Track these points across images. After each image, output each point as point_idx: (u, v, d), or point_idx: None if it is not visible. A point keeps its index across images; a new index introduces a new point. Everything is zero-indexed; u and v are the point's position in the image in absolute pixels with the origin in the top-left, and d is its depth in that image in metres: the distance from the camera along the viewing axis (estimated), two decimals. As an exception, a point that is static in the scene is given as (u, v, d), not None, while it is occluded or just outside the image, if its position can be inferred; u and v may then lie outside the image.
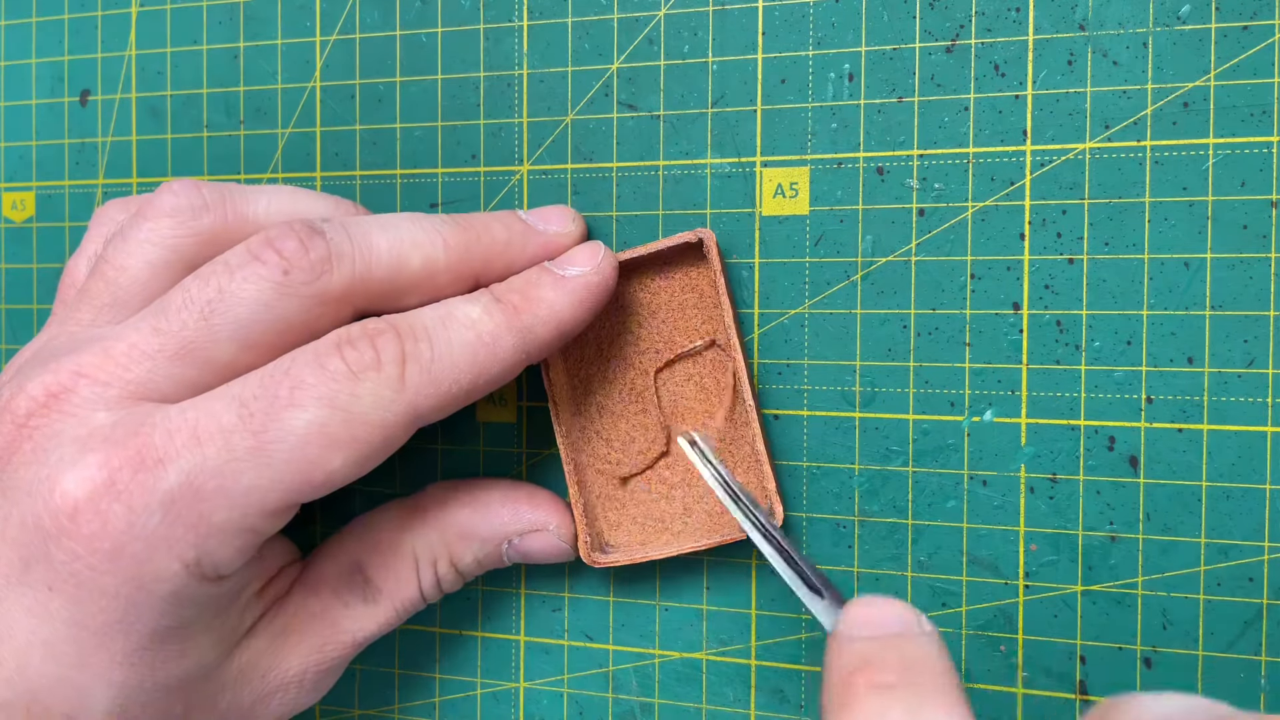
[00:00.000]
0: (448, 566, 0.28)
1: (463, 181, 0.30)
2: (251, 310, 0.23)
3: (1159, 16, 0.25)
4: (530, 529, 0.28)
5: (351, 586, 0.27)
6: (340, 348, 0.23)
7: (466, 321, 0.24)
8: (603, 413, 0.29)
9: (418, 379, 0.23)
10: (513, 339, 0.25)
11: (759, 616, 0.28)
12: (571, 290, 0.25)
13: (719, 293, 0.27)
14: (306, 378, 0.23)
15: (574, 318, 0.25)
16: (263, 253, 0.24)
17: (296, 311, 0.24)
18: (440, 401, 0.24)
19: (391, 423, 0.23)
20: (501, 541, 0.28)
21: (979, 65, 0.26)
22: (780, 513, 0.27)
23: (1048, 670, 0.26)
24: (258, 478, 0.22)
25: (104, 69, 0.34)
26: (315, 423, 0.22)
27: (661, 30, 0.28)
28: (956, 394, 0.26)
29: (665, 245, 0.27)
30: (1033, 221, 0.26)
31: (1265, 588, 0.24)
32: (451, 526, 0.28)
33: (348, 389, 0.23)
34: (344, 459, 0.23)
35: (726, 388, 0.27)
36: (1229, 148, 0.24)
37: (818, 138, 0.27)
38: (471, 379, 0.24)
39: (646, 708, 0.29)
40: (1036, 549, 0.26)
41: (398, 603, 0.27)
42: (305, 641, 0.27)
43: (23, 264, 0.35)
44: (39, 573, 0.22)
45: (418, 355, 0.24)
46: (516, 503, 0.28)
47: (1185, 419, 0.25)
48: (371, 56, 0.31)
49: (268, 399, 0.22)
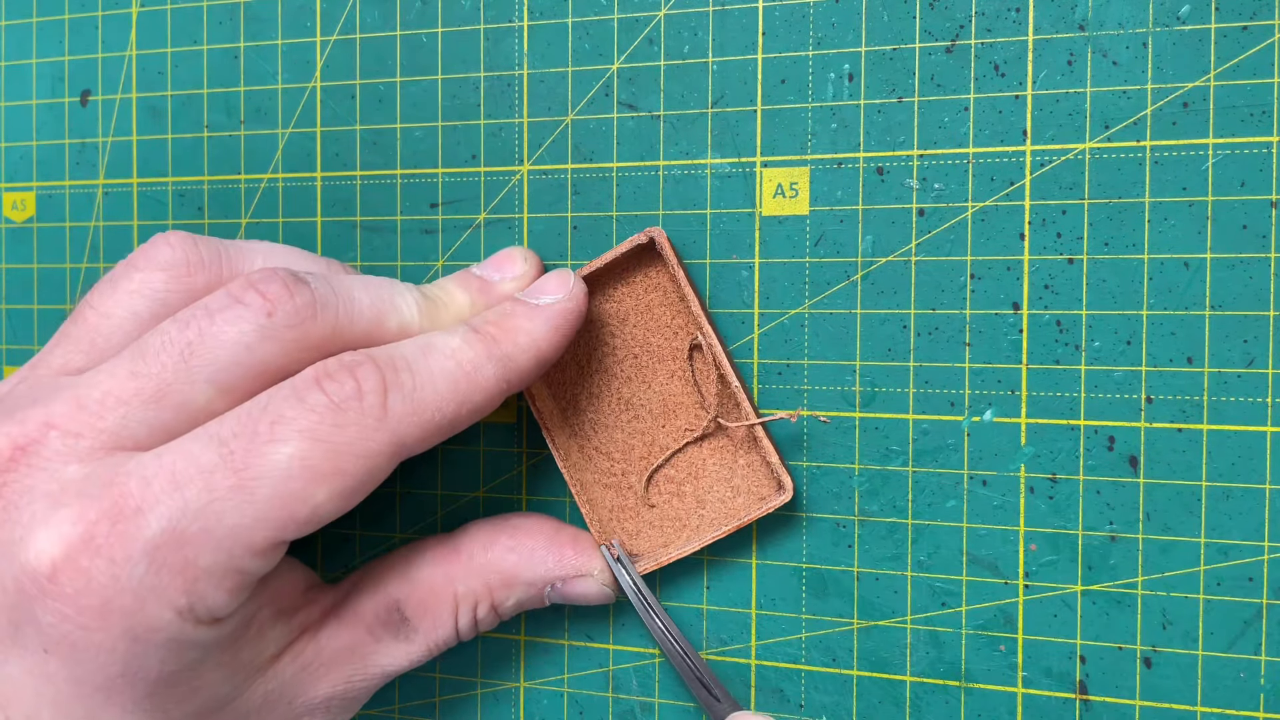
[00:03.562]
0: (488, 610, 0.27)
1: (463, 181, 0.30)
2: (232, 353, 0.23)
3: (1159, 16, 0.25)
4: (574, 574, 0.28)
5: (387, 624, 0.27)
6: (320, 381, 0.23)
7: (447, 351, 0.24)
8: (597, 428, 0.29)
9: (400, 408, 0.23)
10: (493, 368, 0.25)
11: (759, 616, 0.28)
12: (547, 318, 0.26)
13: (681, 286, 0.27)
14: (286, 412, 0.22)
15: (551, 344, 0.26)
16: (245, 295, 0.23)
17: (276, 355, 0.23)
18: (424, 431, 0.24)
19: (375, 452, 0.23)
20: (544, 587, 0.28)
21: (979, 65, 0.26)
22: (790, 485, 0.26)
23: (1048, 670, 0.26)
24: (241, 517, 0.22)
25: (104, 69, 0.34)
26: (297, 457, 0.22)
27: (661, 30, 0.28)
28: (956, 394, 0.26)
29: (619, 252, 0.27)
30: (1032, 221, 0.26)
31: (1265, 588, 0.24)
32: (495, 572, 0.27)
33: (329, 421, 0.22)
34: (328, 492, 0.22)
35: (711, 378, 0.27)
36: (1229, 148, 0.24)
37: (818, 138, 0.27)
38: (455, 408, 0.24)
39: (646, 707, 0.29)
40: (1036, 549, 0.26)
41: (432, 642, 0.27)
42: (334, 673, 0.26)
43: (23, 264, 0.35)
44: (30, 635, 0.22)
45: (399, 385, 0.23)
46: (561, 547, 0.28)
47: (1185, 419, 0.25)
48: (371, 56, 0.31)
49: (247, 436, 0.22)
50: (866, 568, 0.27)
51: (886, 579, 0.27)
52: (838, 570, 0.27)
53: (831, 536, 0.27)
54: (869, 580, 0.27)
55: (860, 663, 0.27)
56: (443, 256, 0.30)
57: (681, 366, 0.28)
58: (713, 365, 0.27)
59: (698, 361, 0.28)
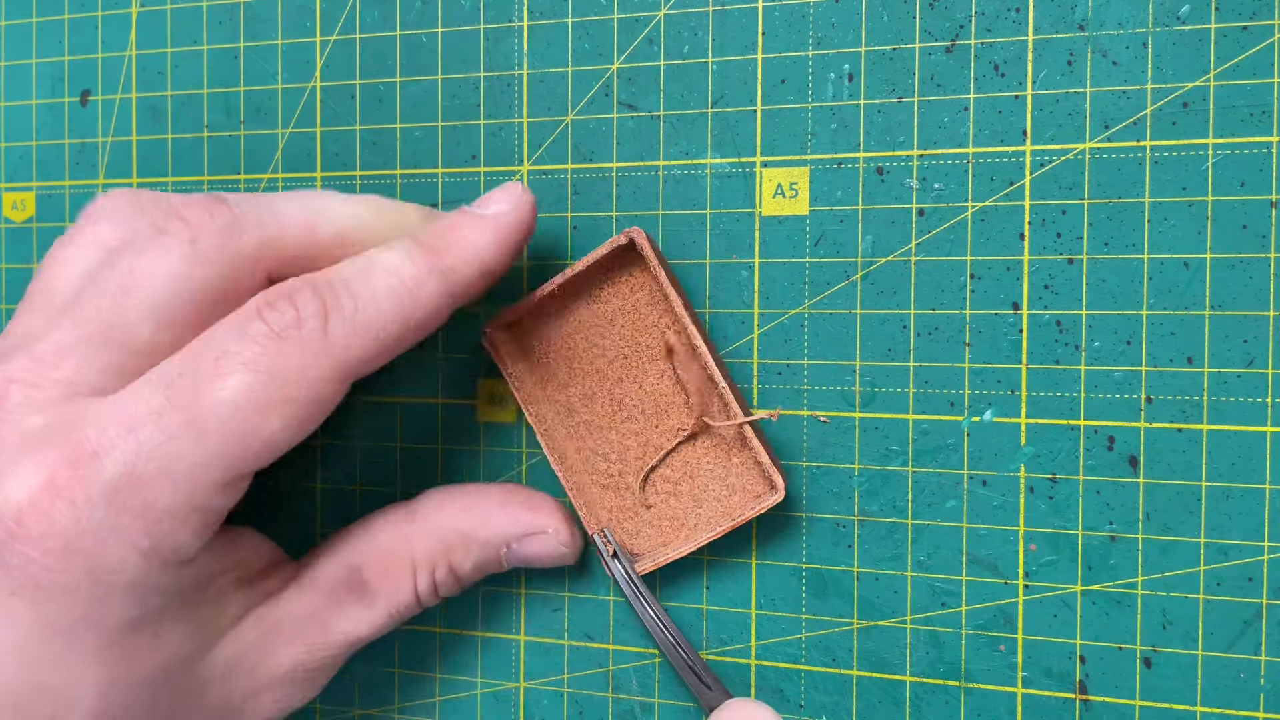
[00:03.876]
0: (446, 572, 0.28)
1: (463, 181, 0.30)
2: (164, 285, 0.23)
3: (1159, 16, 0.25)
4: (528, 533, 0.28)
5: (347, 588, 0.27)
6: (260, 311, 0.23)
7: (388, 269, 0.24)
8: (591, 429, 0.29)
9: (341, 331, 0.23)
10: (436, 281, 0.24)
11: (759, 616, 0.28)
12: (492, 229, 0.25)
13: (662, 286, 0.27)
14: (230, 346, 0.22)
15: (495, 256, 0.25)
16: (168, 224, 0.24)
17: (212, 279, 0.24)
18: (368, 352, 0.24)
19: (321, 378, 0.23)
20: (500, 546, 0.28)
21: (979, 65, 0.26)
22: (781, 484, 0.26)
23: (1048, 670, 0.26)
24: (196, 454, 0.22)
25: (104, 69, 0.34)
26: (243, 389, 0.22)
27: (661, 30, 0.28)
28: (956, 394, 0.26)
29: (600, 254, 0.27)
30: (1032, 221, 0.26)
31: (1265, 587, 0.24)
32: (450, 531, 0.27)
33: (272, 351, 0.22)
34: (281, 422, 0.23)
35: (694, 377, 0.27)
36: (1229, 148, 0.24)
37: (818, 138, 0.27)
38: (399, 326, 0.24)
39: (646, 707, 0.29)
40: (1036, 549, 0.26)
41: (392, 607, 0.27)
42: (296, 639, 0.27)
43: (23, 264, 0.35)
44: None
45: (339, 308, 0.23)
46: (514, 507, 0.28)
47: (1185, 419, 0.25)
48: (371, 56, 0.31)
49: (194, 374, 0.22)
50: (866, 568, 0.27)
51: (886, 579, 0.27)
52: (838, 570, 0.27)
53: (831, 536, 0.27)
54: (869, 580, 0.27)
55: (860, 663, 0.27)
56: (443, 256, 0.30)
57: (669, 367, 0.28)
58: (695, 363, 0.27)
59: (679, 360, 0.28)
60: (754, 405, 0.28)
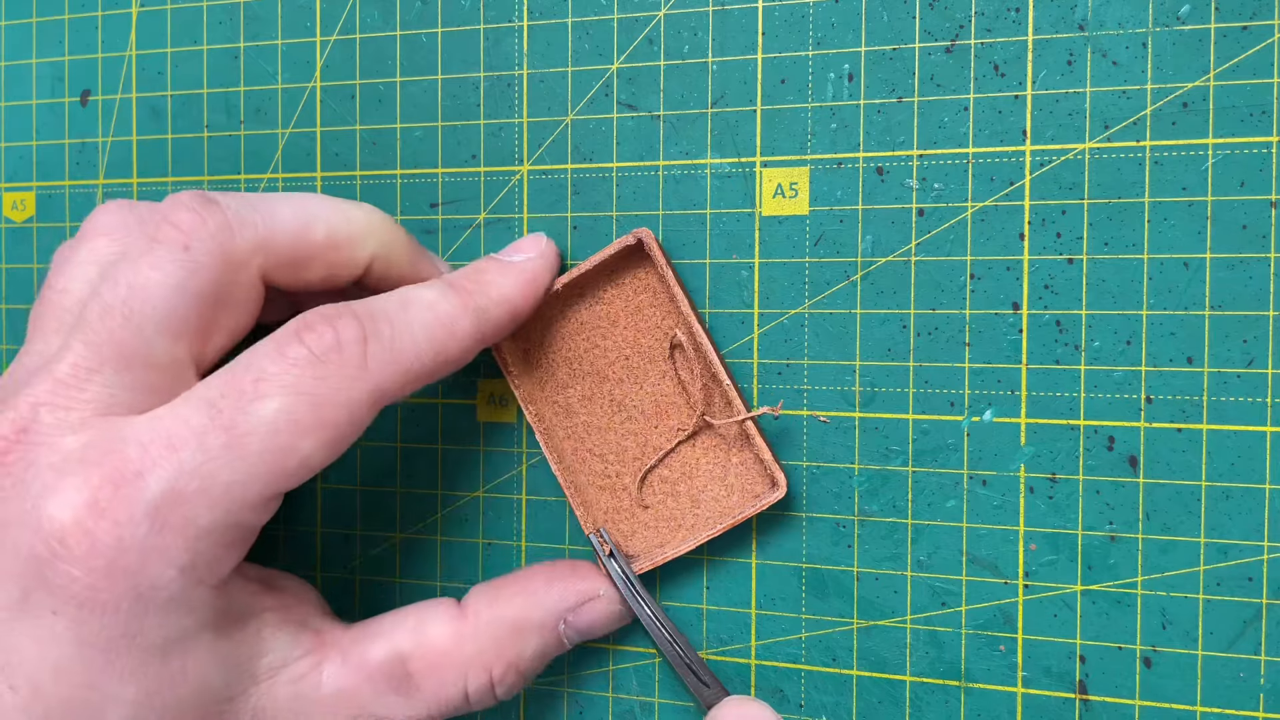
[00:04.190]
0: (505, 668, 0.27)
1: (463, 181, 0.30)
2: (166, 297, 0.23)
3: (1159, 16, 0.25)
4: (581, 601, 0.27)
5: (389, 677, 0.26)
6: (300, 334, 0.23)
7: (424, 304, 0.25)
8: (590, 430, 0.29)
9: (380, 358, 0.24)
10: (469, 320, 0.25)
11: (759, 616, 0.28)
12: (519, 274, 0.27)
13: (670, 287, 0.27)
14: (269, 368, 0.23)
15: (523, 300, 0.27)
16: (160, 232, 0.24)
17: (210, 283, 0.24)
18: (403, 380, 0.24)
19: (357, 401, 0.23)
20: (556, 623, 0.27)
21: (979, 65, 0.26)
22: (783, 481, 0.26)
23: (1047, 670, 0.26)
24: (234, 473, 0.22)
25: (104, 69, 0.34)
26: (283, 411, 0.23)
27: (661, 30, 0.28)
28: (956, 394, 0.26)
29: (607, 254, 0.27)
30: (1032, 221, 0.26)
31: (1265, 587, 0.24)
32: (501, 625, 0.27)
33: (311, 373, 0.23)
34: (315, 443, 0.23)
35: (696, 376, 0.27)
36: (1228, 148, 0.24)
37: (818, 138, 0.27)
38: (432, 358, 0.25)
39: (646, 707, 0.29)
40: (1036, 549, 0.26)
41: (434, 705, 0.26)
42: (328, 712, 0.26)
43: (23, 264, 0.35)
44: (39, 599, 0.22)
45: (378, 334, 0.24)
46: (561, 580, 0.28)
47: (1185, 419, 0.25)
48: (371, 56, 0.31)
49: (234, 395, 0.23)
50: (866, 567, 0.27)
51: (886, 579, 0.27)
52: (838, 570, 0.27)
53: (831, 536, 0.27)
54: (869, 580, 0.27)
55: (860, 662, 0.27)
56: (443, 256, 0.30)
57: (672, 366, 0.28)
58: (698, 362, 0.27)
59: (682, 360, 0.28)
60: (754, 405, 0.28)
